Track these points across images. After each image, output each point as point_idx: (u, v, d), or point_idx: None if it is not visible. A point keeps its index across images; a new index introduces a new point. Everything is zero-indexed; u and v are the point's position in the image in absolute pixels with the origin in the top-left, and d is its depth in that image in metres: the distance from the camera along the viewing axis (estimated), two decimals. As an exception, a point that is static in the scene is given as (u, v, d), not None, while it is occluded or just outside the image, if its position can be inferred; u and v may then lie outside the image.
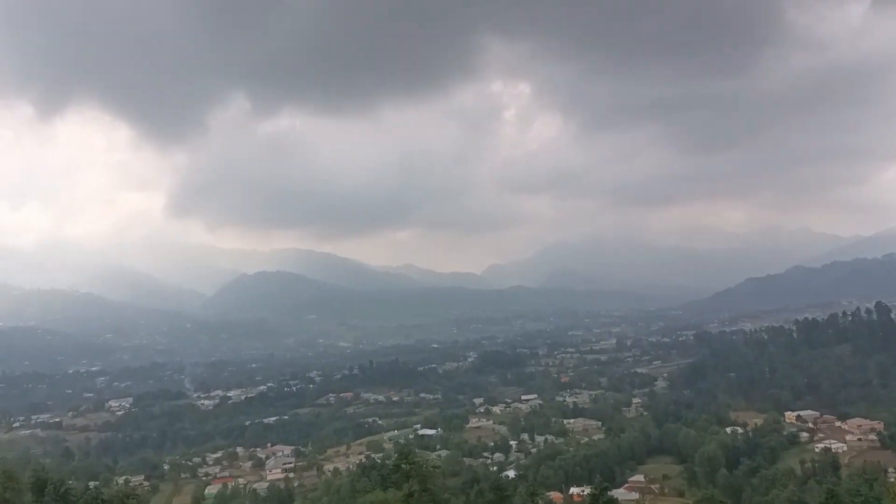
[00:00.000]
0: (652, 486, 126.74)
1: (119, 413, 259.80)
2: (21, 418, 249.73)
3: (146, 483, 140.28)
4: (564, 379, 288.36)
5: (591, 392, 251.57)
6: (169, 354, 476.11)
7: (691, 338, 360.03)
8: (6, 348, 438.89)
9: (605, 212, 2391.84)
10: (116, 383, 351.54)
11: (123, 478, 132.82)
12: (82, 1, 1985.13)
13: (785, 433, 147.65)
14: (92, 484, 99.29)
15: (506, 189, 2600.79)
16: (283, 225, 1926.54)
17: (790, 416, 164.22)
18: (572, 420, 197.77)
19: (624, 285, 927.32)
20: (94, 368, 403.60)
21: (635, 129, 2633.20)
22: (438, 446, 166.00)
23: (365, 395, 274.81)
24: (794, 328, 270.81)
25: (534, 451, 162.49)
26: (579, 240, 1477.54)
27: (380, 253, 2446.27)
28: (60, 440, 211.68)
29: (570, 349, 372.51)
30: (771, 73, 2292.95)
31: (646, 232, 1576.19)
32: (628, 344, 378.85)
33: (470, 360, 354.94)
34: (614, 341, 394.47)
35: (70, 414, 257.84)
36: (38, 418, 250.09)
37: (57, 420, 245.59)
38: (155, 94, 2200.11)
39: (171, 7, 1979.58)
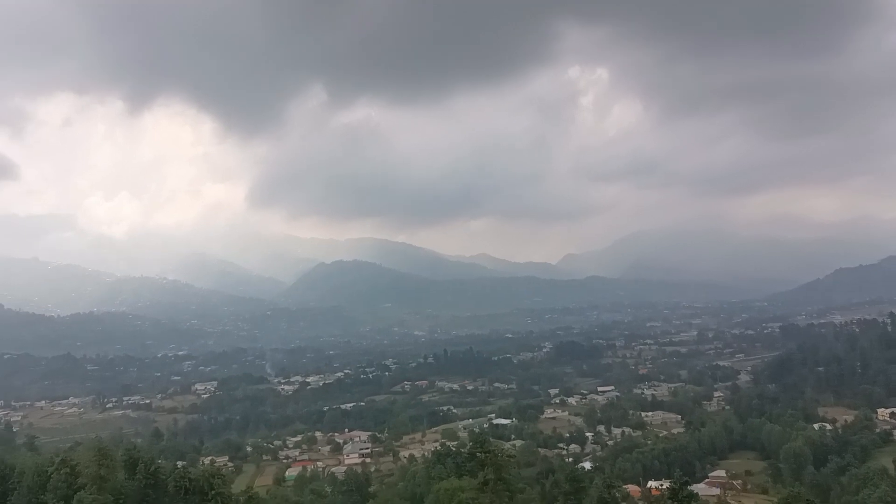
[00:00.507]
0: (734, 482, 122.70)
1: (204, 396, 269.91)
2: (114, 399, 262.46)
3: (230, 464, 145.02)
4: (642, 371, 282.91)
5: (670, 385, 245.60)
6: (251, 340, 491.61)
7: (777, 330, 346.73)
8: (100, 332, 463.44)
9: (687, 201, 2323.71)
10: (202, 367, 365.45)
11: (209, 458, 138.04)
12: (167, 1, 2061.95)
13: (877, 431, 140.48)
14: (180, 463, 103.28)
15: (582, 177, 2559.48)
16: (359, 214, 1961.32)
17: (883, 413, 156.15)
18: (650, 413, 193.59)
19: (705, 276, 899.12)
20: (181, 353, 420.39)
21: (719, 115, 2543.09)
22: (513, 436, 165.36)
23: (439, 384, 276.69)
24: (889, 321, 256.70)
25: (610, 443, 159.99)
26: (659, 229, 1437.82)
27: (454, 242, 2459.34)
28: (150, 421, 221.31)
29: (648, 341, 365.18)
30: (863, 54, 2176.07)
31: (729, 221, 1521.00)
32: (710, 336, 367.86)
33: (545, 350, 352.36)
34: (695, 333, 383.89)
35: (159, 396, 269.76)
36: (129, 399, 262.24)
37: (147, 402, 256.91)
38: (237, 87, 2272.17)
39: (252, 3, 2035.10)
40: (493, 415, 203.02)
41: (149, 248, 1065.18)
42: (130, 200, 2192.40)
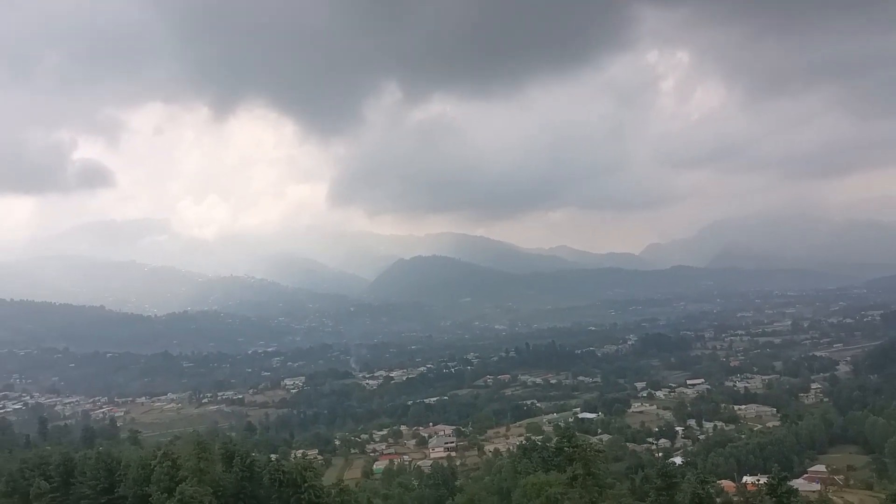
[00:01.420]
0: (835, 478, 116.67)
1: (293, 391, 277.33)
2: (209, 394, 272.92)
3: (320, 457, 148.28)
4: (734, 363, 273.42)
5: (763, 377, 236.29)
6: (336, 336, 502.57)
7: (878, 318, 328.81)
8: (194, 331, 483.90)
9: (776, 185, 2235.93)
10: (290, 363, 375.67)
11: (300, 451, 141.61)
12: (246, 8, 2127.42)
13: None
14: (273, 456, 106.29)
15: (664, 164, 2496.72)
16: (437, 210, 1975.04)
17: None
18: (743, 406, 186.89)
19: (798, 263, 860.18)
20: (270, 349, 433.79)
21: (808, 93, 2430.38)
22: (600, 430, 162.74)
23: (522, 378, 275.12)
24: None
25: (702, 437, 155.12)
26: (747, 215, 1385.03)
27: (532, 234, 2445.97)
28: (243, 415, 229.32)
29: (739, 331, 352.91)
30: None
31: (821, 205, 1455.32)
32: (805, 325, 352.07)
33: (630, 342, 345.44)
34: (789, 323, 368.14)
35: (251, 391, 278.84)
36: (223, 395, 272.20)
37: (240, 397, 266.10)
38: (315, 89, 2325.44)
39: (327, 5, 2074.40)
40: (579, 409, 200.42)
41: (237, 248, 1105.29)
42: (219, 203, 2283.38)
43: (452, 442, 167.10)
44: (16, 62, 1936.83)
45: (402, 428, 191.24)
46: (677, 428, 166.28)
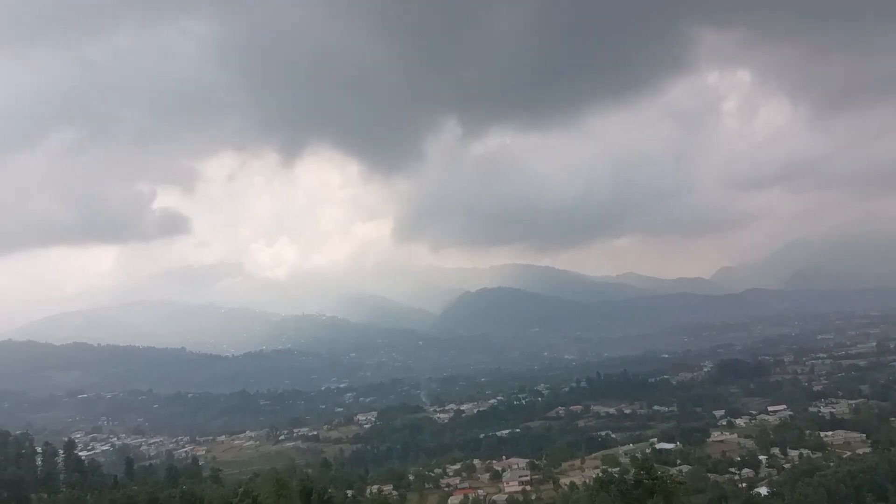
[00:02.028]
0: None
1: (366, 426, 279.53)
2: (285, 431, 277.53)
3: (395, 492, 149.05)
4: (817, 387, 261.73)
5: (850, 401, 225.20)
6: (405, 370, 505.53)
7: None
8: (269, 369, 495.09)
9: (849, 202, 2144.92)
10: (362, 398, 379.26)
11: (376, 487, 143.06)
12: (306, 57, 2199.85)
13: None
14: (349, 492, 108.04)
15: (731, 186, 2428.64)
16: (500, 241, 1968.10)
17: None
18: (830, 432, 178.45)
19: (881, 282, 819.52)
20: (342, 385, 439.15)
21: (881, 106, 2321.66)
22: (678, 461, 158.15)
23: (595, 408, 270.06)
24: None
25: (787, 466, 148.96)
26: (821, 235, 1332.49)
27: (598, 262, 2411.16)
28: (319, 451, 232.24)
29: (820, 355, 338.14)
30: None
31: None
32: (892, 346, 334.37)
33: (706, 369, 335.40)
34: (874, 344, 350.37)
35: (325, 427, 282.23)
36: (299, 431, 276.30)
37: (314, 433, 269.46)
38: (376, 129, 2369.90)
39: (386, 48, 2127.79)
40: (655, 439, 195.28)
41: (307, 287, 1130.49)
42: (289, 244, 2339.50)
43: (526, 475, 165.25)
44: (97, 121, 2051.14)
45: (475, 462, 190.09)
46: (760, 457, 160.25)
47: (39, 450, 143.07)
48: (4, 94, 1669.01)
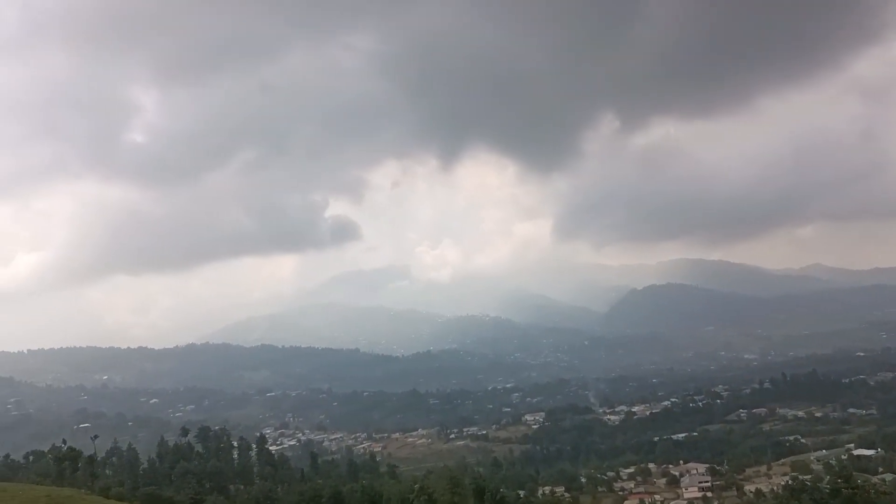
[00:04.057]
0: None
1: (534, 426, 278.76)
2: (455, 430, 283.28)
3: (566, 494, 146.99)
4: None
5: None
6: (571, 371, 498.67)
7: None
8: (437, 369, 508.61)
9: None
10: (528, 399, 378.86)
11: (547, 488, 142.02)
12: (462, 63, 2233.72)
13: None
14: (521, 492, 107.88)
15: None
16: (667, 236, 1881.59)
17: None
18: None
19: None
20: (508, 385, 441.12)
21: None
22: (880, 469, 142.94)
23: (781, 411, 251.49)
24: None
25: None
26: None
27: (778, 254, 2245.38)
28: (488, 451, 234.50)
29: None
30: None
31: None
32: None
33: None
34: None
35: (493, 427, 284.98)
36: (468, 430, 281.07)
37: (483, 432, 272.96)
38: (532, 127, 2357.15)
39: (539, 46, 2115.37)
40: (852, 445, 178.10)
41: (471, 288, 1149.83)
42: (452, 246, 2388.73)
43: (707, 481, 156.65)
44: (275, 138, 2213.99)
45: (650, 466, 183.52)
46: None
47: (235, 444, 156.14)
48: (197, 120, 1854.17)
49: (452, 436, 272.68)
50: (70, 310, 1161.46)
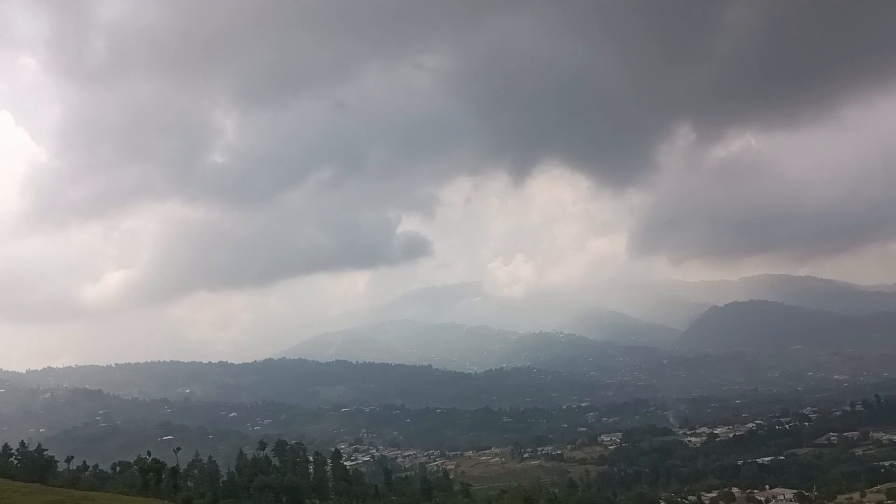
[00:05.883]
0: None
1: (611, 447, 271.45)
2: (529, 449, 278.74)
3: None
4: None
5: None
6: (649, 390, 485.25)
7: None
8: (510, 387, 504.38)
9: None
10: (605, 418, 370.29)
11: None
12: (532, 79, 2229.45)
13: None
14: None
15: None
16: (750, 251, 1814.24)
17: None
18: None
19: None
20: (583, 404, 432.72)
21: None
22: None
23: (875, 435, 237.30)
24: None
25: None
26: None
27: (870, 270, 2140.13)
28: (563, 471, 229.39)
29: None
30: None
31: None
32: None
33: None
34: None
35: (568, 447, 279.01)
36: (542, 450, 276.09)
37: (558, 452, 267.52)
38: (605, 141, 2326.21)
39: (609, 54, 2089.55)
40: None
41: (544, 305, 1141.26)
42: (524, 262, 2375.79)
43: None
44: (349, 157, 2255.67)
45: (734, 490, 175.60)
46: None
47: (311, 458, 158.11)
48: (275, 141, 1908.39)
49: (526, 455, 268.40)
50: (155, 325, 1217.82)
